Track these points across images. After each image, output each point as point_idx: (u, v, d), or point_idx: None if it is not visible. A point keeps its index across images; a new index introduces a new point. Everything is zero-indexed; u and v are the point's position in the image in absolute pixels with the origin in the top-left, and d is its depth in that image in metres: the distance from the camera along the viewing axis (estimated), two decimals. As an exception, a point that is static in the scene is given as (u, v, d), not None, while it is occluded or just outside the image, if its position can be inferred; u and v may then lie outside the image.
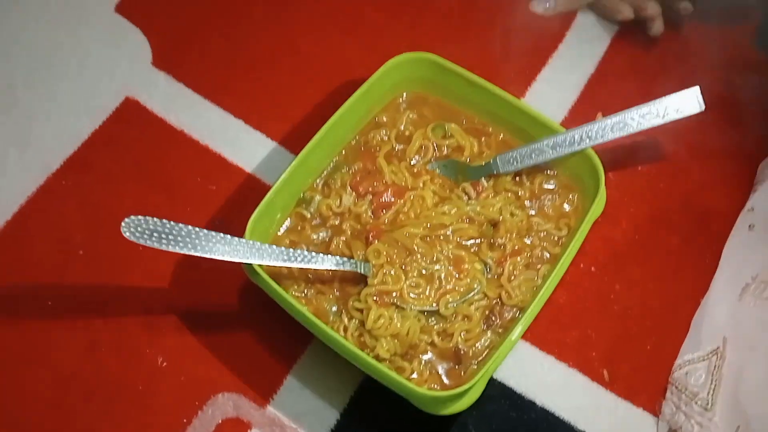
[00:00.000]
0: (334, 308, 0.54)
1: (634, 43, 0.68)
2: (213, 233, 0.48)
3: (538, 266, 0.55)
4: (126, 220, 0.46)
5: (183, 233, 0.47)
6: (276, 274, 0.53)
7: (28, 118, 0.64)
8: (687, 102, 0.53)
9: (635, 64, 0.68)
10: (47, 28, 0.67)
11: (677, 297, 0.58)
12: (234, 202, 0.62)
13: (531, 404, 0.54)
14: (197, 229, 0.48)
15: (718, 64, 0.67)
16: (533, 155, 0.55)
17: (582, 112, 0.65)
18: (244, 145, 0.64)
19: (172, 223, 0.47)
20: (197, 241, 0.48)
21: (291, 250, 0.51)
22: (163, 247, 0.46)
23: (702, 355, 0.52)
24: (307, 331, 0.54)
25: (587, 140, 0.54)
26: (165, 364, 0.56)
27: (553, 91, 0.66)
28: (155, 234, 0.46)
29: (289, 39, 0.68)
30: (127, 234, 0.45)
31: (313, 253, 0.52)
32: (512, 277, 0.54)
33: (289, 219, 0.57)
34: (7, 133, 0.63)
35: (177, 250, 0.47)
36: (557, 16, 0.69)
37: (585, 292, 0.58)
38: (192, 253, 0.47)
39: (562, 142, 0.54)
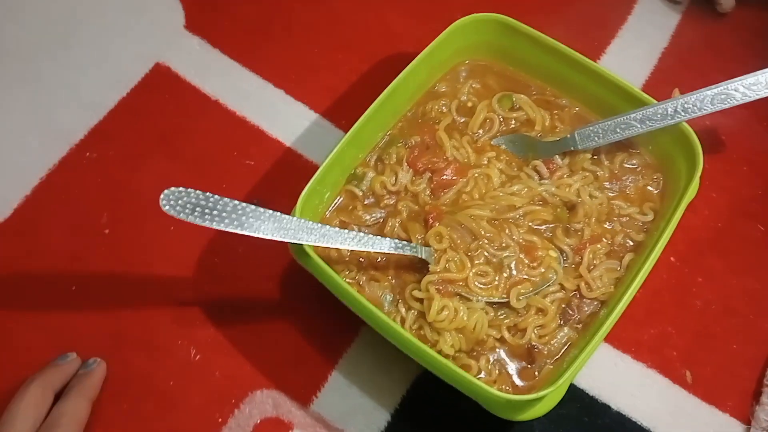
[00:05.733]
0: (389, 297, 0.48)
1: (707, 16, 0.63)
2: (261, 209, 0.43)
3: (621, 255, 0.49)
4: (166, 191, 0.40)
5: (228, 209, 0.41)
6: (324, 258, 0.47)
7: (49, 90, 0.59)
8: (801, 71, 0.46)
9: (709, 38, 0.62)
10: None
11: (763, 292, 0.53)
12: (273, 178, 0.57)
13: (605, 408, 0.49)
14: (244, 204, 0.42)
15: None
16: (618, 130, 0.49)
17: (655, 88, 0.60)
18: (284, 117, 0.58)
19: (216, 196, 0.41)
20: (243, 218, 0.42)
21: (345, 230, 0.46)
22: (206, 224, 0.41)
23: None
24: (354, 324, 0.49)
25: (682, 113, 0.47)
26: (198, 357, 0.51)
27: (624, 64, 0.60)
28: (198, 209, 0.40)
29: (328, 4, 0.63)
30: (167, 207, 0.40)
31: (369, 235, 0.46)
32: (592, 267, 0.48)
33: (339, 198, 0.51)
34: (28, 106, 0.59)
35: (221, 227, 0.41)
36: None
37: (663, 286, 0.53)
38: (238, 231, 0.41)
39: (653, 116, 0.48)
